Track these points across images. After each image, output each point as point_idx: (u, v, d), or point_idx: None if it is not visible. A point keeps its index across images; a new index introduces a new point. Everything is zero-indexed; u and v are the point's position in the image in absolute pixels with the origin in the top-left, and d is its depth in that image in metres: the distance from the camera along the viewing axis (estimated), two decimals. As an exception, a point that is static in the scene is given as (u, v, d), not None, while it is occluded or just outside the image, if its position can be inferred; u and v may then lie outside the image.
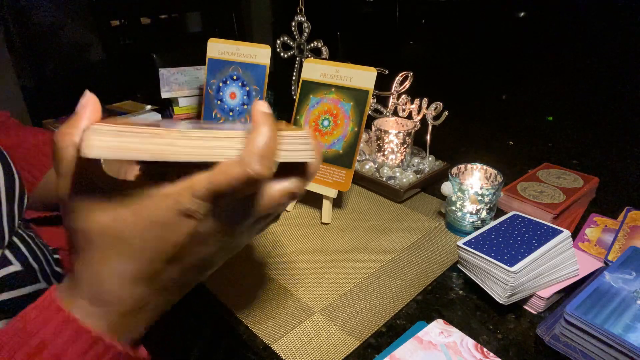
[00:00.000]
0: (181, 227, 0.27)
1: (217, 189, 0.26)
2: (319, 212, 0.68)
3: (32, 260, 0.45)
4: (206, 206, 0.27)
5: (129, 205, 0.27)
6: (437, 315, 0.49)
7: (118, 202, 0.27)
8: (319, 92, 0.68)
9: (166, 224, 0.27)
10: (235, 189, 0.26)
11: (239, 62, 0.77)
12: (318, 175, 0.67)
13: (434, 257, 0.59)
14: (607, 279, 0.46)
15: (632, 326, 0.39)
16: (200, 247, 0.29)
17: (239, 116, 0.78)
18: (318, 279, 0.55)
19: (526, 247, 0.49)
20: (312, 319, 0.49)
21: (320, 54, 0.82)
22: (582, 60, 1.99)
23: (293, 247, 0.61)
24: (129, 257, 0.28)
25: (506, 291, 0.46)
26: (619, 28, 2.11)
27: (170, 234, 0.28)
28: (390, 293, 0.53)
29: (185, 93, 1.01)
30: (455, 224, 0.63)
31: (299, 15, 0.82)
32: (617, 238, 0.58)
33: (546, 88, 1.55)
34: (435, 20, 2.87)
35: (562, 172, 0.73)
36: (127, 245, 0.28)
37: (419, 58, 2.69)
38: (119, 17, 2.74)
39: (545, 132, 1.06)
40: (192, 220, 0.27)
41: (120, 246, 0.28)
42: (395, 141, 0.76)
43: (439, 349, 0.42)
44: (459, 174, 0.65)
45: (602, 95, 1.44)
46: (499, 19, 2.58)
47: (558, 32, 2.31)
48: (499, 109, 1.30)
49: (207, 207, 0.27)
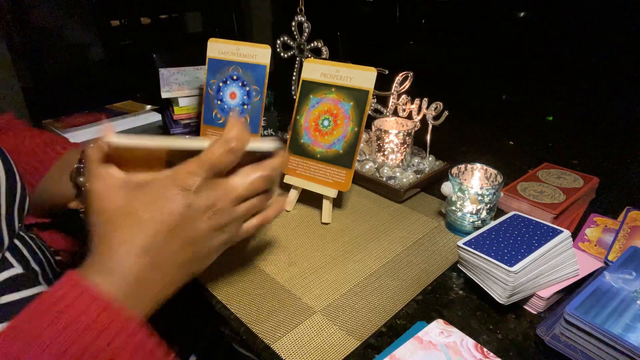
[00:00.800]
0: (179, 199, 0.34)
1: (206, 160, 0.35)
2: (319, 212, 0.68)
3: (33, 263, 0.44)
4: (197, 180, 0.35)
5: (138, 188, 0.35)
6: (437, 315, 0.49)
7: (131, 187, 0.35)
8: (319, 92, 0.68)
9: (167, 197, 0.34)
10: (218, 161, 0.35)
11: (239, 62, 0.77)
12: (318, 175, 0.67)
13: (434, 257, 0.59)
14: (607, 279, 0.46)
15: (632, 326, 0.39)
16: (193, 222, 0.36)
17: (239, 116, 0.78)
18: (318, 279, 0.55)
19: (526, 247, 0.49)
20: (312, 319, 0.49)
21: (320, 54, 0.82)
22: (582, 60, 1.99)
23: (293, 247, 0.61)
24: (138, 228, 0.33)
25: (506, 291, 0.46)
26: (619, 28, 2.12)
27: (170, 205, 0.34)
28: (390, 293, 0.53)
29: (185, 93, 1.01)
30: (455, 224, 0.63)
31: (299, 15, 0.82)
32: (617, 238, 0.58)
33: (546, 88, 1.55)
34: (435, 20, 2.87)
35: (562, 172, 0.73)
36: (137, 218, 0.34)
37: (419, 58, 2.69)
38: (119, 17, 2.74)
39: (545, 132, 1.06)
40: (187, 193, 0.35)
41: (131, 219, 0.34)
42: (395, 141, 0.76)
43: (439, 349, 0.42)
44: (459, 174, 0.65)
45: (602, 95, 1.44)
46: (499, 19, 2.58)
47: (558, 32, 2.31)
48: (499, 109, 1.30)
49: (198, 180, 0.35)
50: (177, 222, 0.34)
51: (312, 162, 0.67)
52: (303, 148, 0.68)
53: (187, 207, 0.35)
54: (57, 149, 0.58)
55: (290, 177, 0.69)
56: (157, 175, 0.36)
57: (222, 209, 0.37)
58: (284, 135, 0.94)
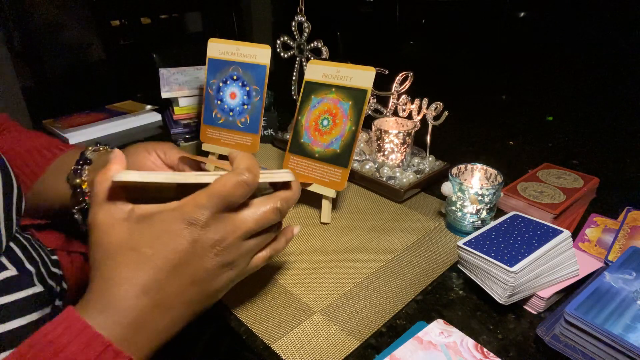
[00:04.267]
0: (184, 234, 0.32)
1: (216, 194, 0.33)
2: (318, 212, 0.68)
3: (28, 264, 0.44)
4: (205, 214, 0.33)
5: (143, 221, 0.33)
6: (437, 315, 0.49)
7: (135, 220, 0.33)
8: (320, 93, 0.68)
9: (172, 232, 0.32)
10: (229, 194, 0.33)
11: (239, 62, 0.77)
12: (316, 175, 0.67)
13: (434, 257, 0.59)
14: (607, 279, 0.46)
15: (632, 326, 0.39)
16: (199, 259, 0.33)
17: (239, 116, 0.78)
18: (318, 279, 0.55)
19: (526, 247, 0.49)
20: (312, 319, 0.49)
21: (320, 54, 0.82)
22: (582, 60, 1.99)
23: (293, 247, 0.61)
24: (139, 265, 0.32)
25: (506, 291, 0.46)
26: (619, 28, 2.11)
27: (175, 241, 0.32)
28: (390, 293, 0.53)
29: (185, 93, 1.01)
30: (456, 224, 0.63)
31: (299, 15, 0.82)
32: (617, 238, 0.58)
33: (546, 88, 1.55)
34: (435, 20, 2.87)
35: (562, 172, 0.73)
36: (139, 255, 0.32)
37: (419, 58, 2.69)
38: (119, 17, 2.74)
39: (545, 132, 1.06)
40: (193, 229, 0.33)
41: (132, 256, 0.32)
42: (395, 141, 0.76)
43: (439, 349, 0.42)
44: (459, 174, 0.65)
45: (602, 95, 1.44)
46: (499, 19, 2.58)
47: (558, 32, 2.31)
48: (499, 109, 1.30)
49: (206, 214, 0.33)
50: (181, 260, 0.33)
51: (311, 162, 0.67)
52: (303, 148, 0.68)
53: (193, 244, 0.33)
54: (54, 150, 0.57)
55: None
56: (164, 207, 0.33)
57: (230, 244, 0.35)
58: (284, 135, 0.94)
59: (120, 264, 0.32)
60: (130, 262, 0.32)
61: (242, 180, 0.33)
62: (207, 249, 0.33)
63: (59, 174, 0.53)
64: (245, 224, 0.35)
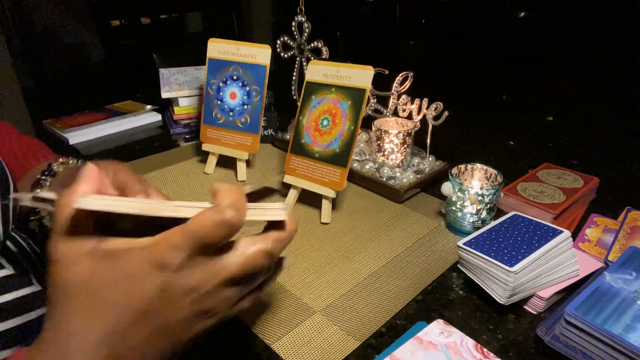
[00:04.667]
0: (153, 280, 0.28)
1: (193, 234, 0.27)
2: (318, 212, 0.68)
3: (25, 263, 0.44)
4: (180, 256, 0.27)
5: (108, 258, 0.28)
6: (437, 315, 0.49)
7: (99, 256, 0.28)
8: (321, 93, 0.68)
9: (138, 277, 0.28)
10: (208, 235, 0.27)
11: (239, 62, 0.77)
12: (315, 175, 0.67)
13: (434, 257, 0.59)
14: (607, 279, 0.46)
15: (632, 326, 0.39)
16: (170, 307, 0.29)
17: (239, 116, 0.78)
18: (318, 279, 0.55)
19: (526, 247, 0.49)
20: (312, 319, 0.49)
21: (320, 54, 0.82)
22: (582, 60, 1.99)
23: (293, 247, 0.61)
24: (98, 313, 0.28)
25: (506, 291, 0.46)
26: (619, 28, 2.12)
27: (141, 286, 0.28)
28: (390, 293, 0.53)
29: (185, 93, 1.01)
30: (456, 224, 0.63)
31: (299, 15, 0.82)
32: (617, 238, 0.58)
33: (546, 88, 1.55)
34: (435, 20, 2.87)
35: (562, 172, 0.73)
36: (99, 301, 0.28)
37: (419, 58, 2.69)
38: (119, 17, 2.74)
39: (545, 132, 1.06)
40: (164, 273, 0.28)
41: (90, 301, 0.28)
42: (395, 141, 0.76)
43: (439, 349, 0.42)
44: (459, 174, 0.65)
45: (602, 96, 1.44)
46: (499, 18, 2.58)
47: (558, 32, 2.31)
48: (499, 109, 1.30)
49: (180, 257, 0.27)
50: (148, 308, 0.28)
51: (311, 162, 0.67)
52: (303, 148, 0.68)
53: (163, 291, 0.28)
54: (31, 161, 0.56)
55: (290, 176, 0.69)
56: (134, 244, 0.28)
57: (208, 292, 0.29)
58: (284, 135, 0.94)
59: (77, 308, 0.28)
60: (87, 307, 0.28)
61: (225, 219, 0.27)
62: (179, 297, 0.29)
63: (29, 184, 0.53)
64: (227, 269, 0.29)
